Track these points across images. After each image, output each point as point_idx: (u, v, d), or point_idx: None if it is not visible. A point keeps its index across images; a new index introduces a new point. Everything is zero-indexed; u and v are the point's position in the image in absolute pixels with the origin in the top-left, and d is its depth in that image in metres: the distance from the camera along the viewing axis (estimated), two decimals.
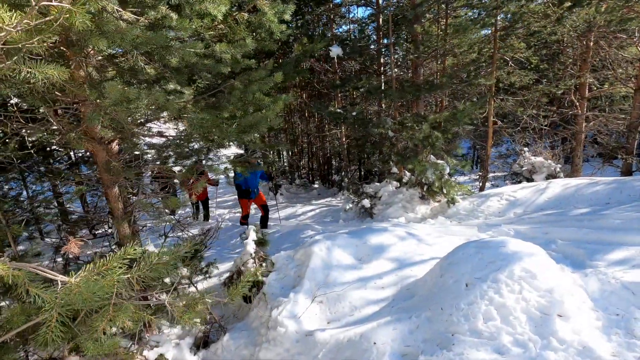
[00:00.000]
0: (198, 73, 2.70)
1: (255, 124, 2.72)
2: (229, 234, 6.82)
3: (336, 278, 3.23)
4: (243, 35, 3.75)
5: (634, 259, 2.96)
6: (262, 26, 3.85)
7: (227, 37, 3.79)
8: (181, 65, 2.53)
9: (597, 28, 6.31)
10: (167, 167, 2.77)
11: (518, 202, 5.17)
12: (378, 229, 4.11)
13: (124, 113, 1.80)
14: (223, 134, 2.27)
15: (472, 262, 2.51)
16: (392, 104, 6.39)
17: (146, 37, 2.03)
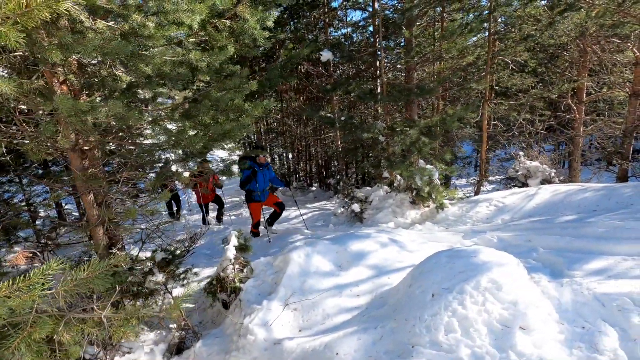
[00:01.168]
0: (172, 82, 2.71)
1: (228, 132, 2.72)
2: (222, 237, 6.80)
3: (312, 285, 3.23)
4: (225, 43, 3.78)
5: (611, 269, 2.93)
6: (244, 33, 3.87)
7: (209, 44, 3.83)
8: (153, 74, 2.55)
9: (589, 33, 6.26)
10: (141, 174, 2.78)
11: (506, 209, 5.13)
12: (361, 235, 4.10)
13: (79, 124, 1.82)
14: (190, 143, 2.28)
15: (442, 272, 2.50)
16: (385, 108, 6.37)
17: (111, 46, 2.05)
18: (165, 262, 3.19)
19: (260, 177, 5.64)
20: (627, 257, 3.05)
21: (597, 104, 9.92)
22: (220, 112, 3.43)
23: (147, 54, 2.35)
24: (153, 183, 2.81)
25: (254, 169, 5.54)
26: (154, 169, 2.91)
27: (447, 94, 9.00)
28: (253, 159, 5.58)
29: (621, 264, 2.96)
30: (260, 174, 5.60)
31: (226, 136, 2.77)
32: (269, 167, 5.78)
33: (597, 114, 9.32)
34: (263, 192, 5.73)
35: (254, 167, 5.54)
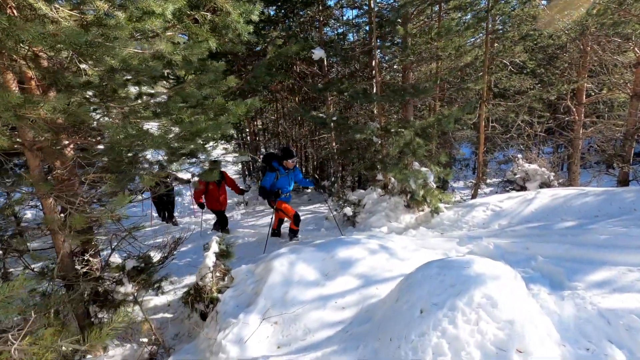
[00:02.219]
0: (140, 75, 2.49)
1: (201, 131, 2.50)
2: None
3: (295, 296, 3.01)
4: (205, 37, 3.57)
5: (615, 281, 2.72)
6: (227, 27, 3.66)
7: (191, 38, 3.61)
8: (118, 67, 2.33)
9: (590, 31, 6.08)
10: (108, 177, 2.56)
11: (504, 213, 4.92)
12: (349, 241, 3.88)
13: (12, 119, 1.61)
14: (153, 142, 2.07)
15: (432, 285, 2.28)
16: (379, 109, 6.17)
17: (62, 34, 1.83)
18: (136, 270, 2.96)
19: (284, 182, 5.26)
20: (633, 267, 2.84)
21: (597, 105, 9.74)
22: (197, 109, 3.21)
23: (109, 45, 2.13)
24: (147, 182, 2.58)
25: (277, 173, 5.15)
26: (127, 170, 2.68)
27: (444, 94, 8.80)
28: (279, 161, 5.17)
29: (626, 276, 2.76)
30: (284, 179, 5.23)
31: (200, 135, 2.55)
32: (295, 169, 5.37)
33: (597, 116, 9.14)
34: (287, 196, 5.39)
35: (278, 170, 5.15)
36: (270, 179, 5.14)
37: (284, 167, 5.16)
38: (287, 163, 5.12)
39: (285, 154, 5.13)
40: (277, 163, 5.14)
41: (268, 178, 5.14)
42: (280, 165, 5.14)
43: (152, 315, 3.91)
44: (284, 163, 5.13)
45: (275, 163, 5.13)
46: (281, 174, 5.17)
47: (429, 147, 5.78)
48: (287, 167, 5.15)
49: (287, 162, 5.12)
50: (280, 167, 5.13)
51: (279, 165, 5.14)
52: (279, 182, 5.20)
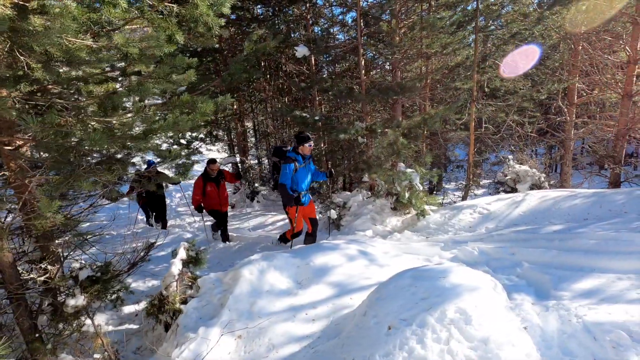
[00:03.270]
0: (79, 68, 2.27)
1: (153, 131, 2.29)
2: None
3: (263, 307, 2.80)
4: (172, 30, 3.36)
5: (603, 290, 2.54)
6: (196, 20, 3.46)
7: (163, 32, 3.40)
8: (58, 58, 2.11)
9: (579, 29, 5.94)
10: (54, 178, 2.34)
11: (491, 216, 4.74)
12: (327, 246, 3.68)
13: None
14: (94, 142, 1.85)
15: (403, 298, 2.08)
16: (365, 108, 5.98)
17: None
18: (91, 280, 2.74)
19: (304, 174, 4.46)
20: (622, 275, 2.67)
21: (589, 106, 9.62)
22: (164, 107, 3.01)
23: (40, 33, 1.91)
24: (87, 186, 2.36)
25: (296, 164, 4.34)
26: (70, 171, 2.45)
27: (434, 94, 8.64)
28: (294, 149, 4.42)
29: (615, 284, 2.58)
30: (303, 171, 4.44)
31: (154, 135, 2.34)
32: (309, 161, 4.62)
33: (588, 116, 9.02)
34: (305, 195, 4.57)
35: (296, 159, 4.34)
36: (290, 172, 4.31)
37: (301, 156, 4.41)
38: (303, 148, 4.39)
39: (299, 138, 4.40)
40: (294, 152, 4.42)
41: (287, 172, 4.28)
42: (297, 154, 4.40)
43: (118, 326, 3.68)
44: (300, 150, 4.40)
45: (292, 153, 4.40)
46: (300, 164, 4.39)
47: (415, 148, 5.59)
48: (304, 153, 4.42)
49: (303, 148, 4.38)
50: (297, 156, 4.38)
51: (296, 154, 4.39)
52: (299, 175, 4.43)
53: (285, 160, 4.36)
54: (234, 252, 5.49)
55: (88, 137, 1.83)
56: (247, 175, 10.85)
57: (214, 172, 5.80)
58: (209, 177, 5.76)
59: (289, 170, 4.31)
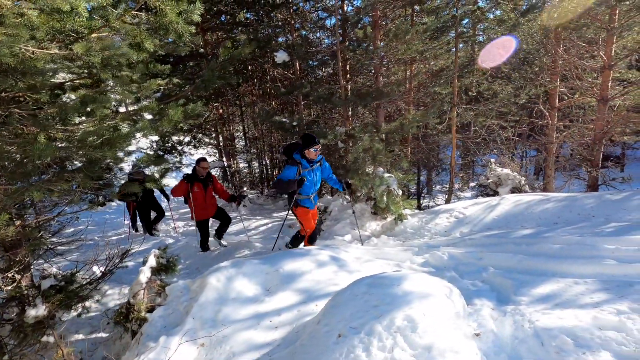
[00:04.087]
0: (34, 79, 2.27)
1: (111, 140, 2.29)
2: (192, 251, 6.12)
3: (228, 315, 2.80)
4: (140, 38, 3.37)
5: (560, 294, 2.59)
6: (165, 28, 3.48)
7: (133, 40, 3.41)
8: (12, 67, 2.11)
9: (554, 35, 6.05)
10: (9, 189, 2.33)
11: (466, 220, 4.80)
12: (298, 252, 3.69)
13: None
14: (36, 152, 1.85)
15: (356, 306, 2.10)
16: (344, 113, 6.02)
17: None
18: (54, 290, 2.72)
19: (309, 178, 4.13)
20: (580, 279, 2.72)
21: (571, 109, 9.77)
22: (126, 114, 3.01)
23: None
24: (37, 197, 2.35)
25: (299, 168, 4.05)
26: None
27: (419, 98, 8.73)
28: (300, 152, 4.10)
29: (572, 289, 2.63)
30: (308, 175, 4.12)
31: (112, 145, 2.34)
32: (322, 163, 4.28)
33: (569, 120, 9.16)
34: (311, 198, 4.25)
35: (300, 163, 4.05)
36: (291, 174, 4.04)
37: (307, 160, 4.08)
38: (308, 153, 4.02)
39: (305, 140, 4.02)
40: (299, 155, 4.07)
41: (288, 172, 4.04)
42: (302, 158, 4.06)
43: (89, 335, 3.67)
44: (305, 153, 4.05)
45: (297, 155, 4.07)
46: (304, 168, 4.06)
47: (392, 153, 5.64)
48: (310, 158, 4.06)
49: (308, 152, 4.02)
50: (302, 159, 4.06)
51: (301, 158, 4.06)
52: (307, 178, 4.15)
53: (291, 161, 4.07)
54: (214, 257, 5.48)
55: (33, 148, 1.83)
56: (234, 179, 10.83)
57: (204, 173, 5.37)
58: (197, 177, 5.34)
59: (290, 172, 4.02)
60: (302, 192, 4.18)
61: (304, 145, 4.04)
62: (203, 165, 5.34)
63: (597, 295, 2.44)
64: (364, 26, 5.22)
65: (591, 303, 2.36)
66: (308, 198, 4.24)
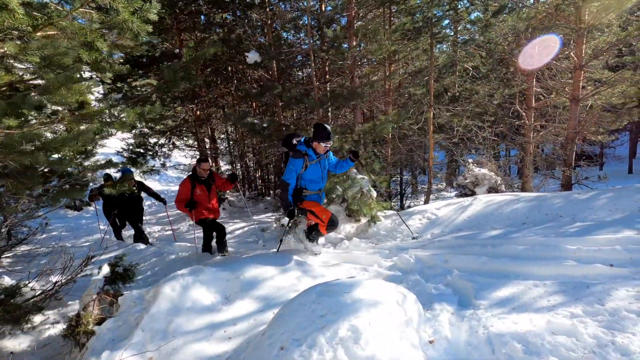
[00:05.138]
0: None
1: (52, 144, 2.16)
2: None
3: (181, 326, 2.68)
4: (92, 38, 3.23)
5: (519, 297, 2.55)
6: (120, 27, 3.34)
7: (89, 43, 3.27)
8: None
9: (524, 35, 6.11)
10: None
11: (438, 221, 4.76)
12: (262, 257, 3.60)
13: None
14: None
15: (302, 315, 2.02)
16: (319, 114, 5.93)
17: None
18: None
19: (316, 172, 3.71)
20: (540, 282, 2.68)
21: (548, 109, 9.91)
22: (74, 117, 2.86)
23: None
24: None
25: (306, 159, 3.60)
26: None
27: (395, 100, 8.71)
28: (307, 143, 3.68)
29: (531, 291, 2.59)
30: (315, 167, 3.69)
31: (54, 150, 2.21)
32: (328, 155, 3.86)
33: (545, 119, 9.28)
34: (319, 194, 3.88)
35: (307, 154, 3.61)
36: (297, 168, 3.55)
37: (314, 151, 3.64)
38: (317, 146, 3.59)
39: (318, 131, 3.55)
40: (305, 146, 3.66)
41: (293, 167, 3.53)
42: (309, 148, 3.64)
43: (41, 349, 3.49)
44: (313, 145, 3.62)
45: (302, 146, 3.65)
46: (311, 160, 3.62)
47: (368, 153, 5.58)
48: (318, 151, 3.64)
49: (317, 145, 3.59)
50: (309, 150, 3.63)
51: (307, 148, 3.64)
52: (309, 173, 3.67)
53: (294, 153, 3.57)
54: (184, 262, 5.31)
55: None
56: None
57: (205, 173, 4.90)
58: (198, 178, 4.88)
59: (297, 166, 3.53)
60: (308, 187, 3.75)
61: (315, 136, 3.57)
62: (204, 167, 4.85)
63: (554, 298, 2.40)
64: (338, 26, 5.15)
65: (547, 306, 2.32)
66: (316, 194, 3.78)
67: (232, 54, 6.94)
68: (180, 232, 8.31)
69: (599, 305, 2.19)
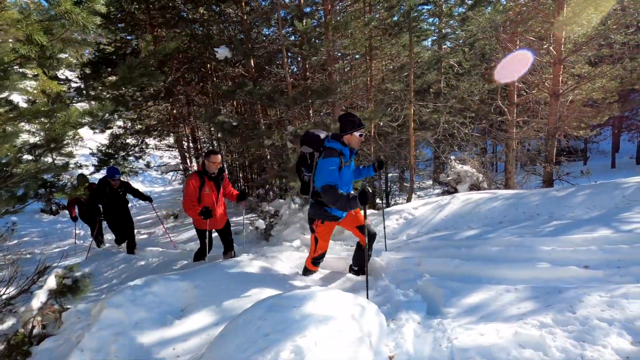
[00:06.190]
0: None
1: None
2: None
3: (125, 345, 2.45)
4: (29, 30, 2.97)
5: (489, 304, 2.39)
6: (62, 19, 3.08)
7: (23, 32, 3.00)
8: None
9: (502, 29, 6.00)
10: None
11: (415, 221, 4.61)
12: (226, 265, 3.38)
13: None
14: None
15: (246, 334, 1.81)
16: (293, 112, 5.72)
17: None
18: None
19: (348, 174, 3.08)
20: (512, 286, 2.53)
21: (530, 105, 9.87)
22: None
23: None
24: None
25: (341, 159, 2.93)
26: None
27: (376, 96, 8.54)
28: (337, 139, 3.01)
29: (502, 297, 2.44)
30: (347, 169, 3.04)
31: None
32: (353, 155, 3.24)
33: (528, 115, 9.23)
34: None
35: (342, 153, 2.96)
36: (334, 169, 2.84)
37: (349, 148, 3.02)
38: (351, 139, 2.99)
39: (347, 121, 2.97)
40: (338, 142, 2.99)
41: (333, 168, 2.83)
42: (344, 146, 2.99)
43: None
44: (344, 140, 3.00)
45: (336, 144, 2.97)
46: (346, 160, 3.00)
47: None
48: (352, 146, 3.03)
49: (351, 138, 2.99)
50: (345, 148, 2.98)
51: (343, 146, 2.98)
52: (342, 176, 2.97)
53: (327, 152, 2.90)
54: (152, 269, 5.06)
55: None
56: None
57: (216, 168, 4.05)
58: (208, 174, 4.05)
59: (335, 165, 2.84)
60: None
61: (346, 127, 2.96)
62: (214, 160, 3.99)
63: (524, 305, 2.25)
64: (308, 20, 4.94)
65: (517, 314, 2.16)
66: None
67: (200, 50, 6.67)
68: (155, 235, 8.02)
69: (570, 313, 2.03)
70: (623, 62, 6.83)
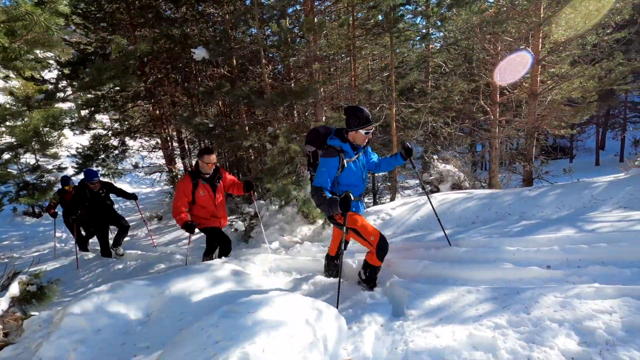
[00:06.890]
0: None
1: None
2: None
3: (85, 354, 2.41)
4: None
5: (449, 306, 2.41)
6: (24, 20, 3.01)
7: None
8: None
9: (479, 29, 6.06)
10: None
11: (391, 222, 4.63)
12: (195, 269, 3.35)
13: None
14: None
15: (197, 342, 1.80)
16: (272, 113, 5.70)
17: None
18: None
19: (355, 173, 2.89)
20: (474, 287, 2.56)
21: (512, 104, 9.98)
22: None
23: None
24: None
25: (341, 157, 2.78)
26: None
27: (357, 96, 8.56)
28: (339, 136, 2.84)
29: (463, 299, 2.46)
30: (353, 167, 2.86)
31: None
32: (367, 150, 3.05)
33: (511, 114, 9.33)
34: (359, 201, 3.01)
35: (342, 150, 2.80)
36: (330, 169, 2.74)
37: (352, 145, 2.84)
38: (355, 136, 2.80)
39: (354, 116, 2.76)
40: (339, 139, 2.82)
41: (326, 169, 2.73)
42: (345, 142, 2.82)
43: None
44: (349, 137, 2.83)
45: (336, 141, 2.80)
46: (348, 158, 2.82)
47: None
48: (358, 143, 2.83)
49: (355, 135, 2.80)
50: (345, 145, 2.80)
51: (343, 142, 2.81)
52: (347, 176, 2.85)
53: (326, 150, 2.78)
54: (129, 273, 5.01)
55: None
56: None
57: (210, 169, 3.83)
58: (202, 175, 3.83)
59: (330, 167, 2.73)
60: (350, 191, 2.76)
61: (350, 123, 2.76)
62: (207, 160, 3.76)
63: (482, 307, 2.27)
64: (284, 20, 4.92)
65: (474, 316, 2.18)
66: (356, 201, 2.92)
67: (179, 50, 6.60)
68: (137, 237, 7.92)
69: (525, 314, 2.06)
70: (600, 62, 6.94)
